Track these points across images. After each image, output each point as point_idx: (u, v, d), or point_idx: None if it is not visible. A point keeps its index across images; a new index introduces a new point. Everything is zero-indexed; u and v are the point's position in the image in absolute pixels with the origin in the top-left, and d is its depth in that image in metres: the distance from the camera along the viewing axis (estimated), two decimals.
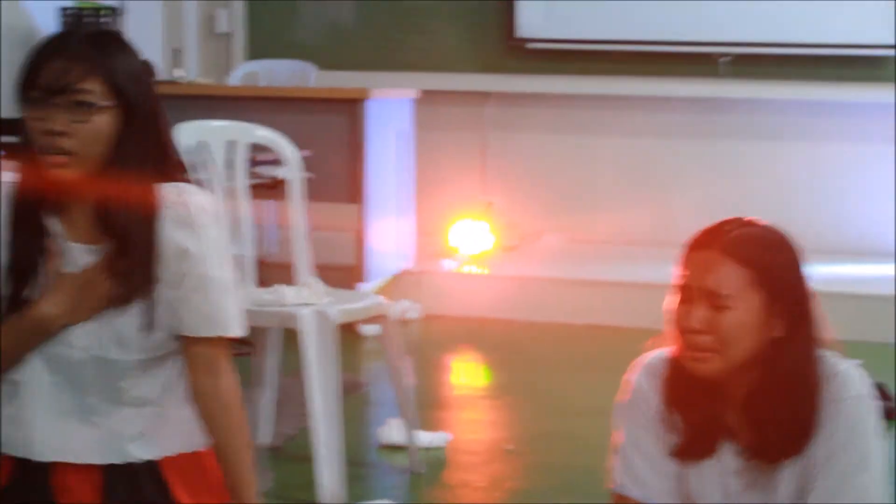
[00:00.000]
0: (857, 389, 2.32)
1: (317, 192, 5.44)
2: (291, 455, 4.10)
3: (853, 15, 7.02)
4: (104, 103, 2.27)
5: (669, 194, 7.43)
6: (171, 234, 2.35)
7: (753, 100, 7.26)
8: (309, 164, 5.14)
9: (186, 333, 2.40)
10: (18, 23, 6.46)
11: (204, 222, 2.38)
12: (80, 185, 2.31)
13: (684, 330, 2.24)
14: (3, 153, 4.98)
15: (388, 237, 6.37)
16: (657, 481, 2.37)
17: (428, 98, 6.90)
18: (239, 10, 7.76)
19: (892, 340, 5.90)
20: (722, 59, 7.22)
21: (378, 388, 5.01)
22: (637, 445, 2.40)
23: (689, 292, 2.25)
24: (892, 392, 4.81)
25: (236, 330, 2.41)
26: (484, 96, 7.56)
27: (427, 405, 4.73)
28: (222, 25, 7.77)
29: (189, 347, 2.41)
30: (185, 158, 2.53)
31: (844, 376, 2.31)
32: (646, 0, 7.19)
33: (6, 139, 5.22)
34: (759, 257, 2.26)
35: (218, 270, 2.40)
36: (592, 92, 7.40)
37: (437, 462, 4.14)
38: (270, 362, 4.09)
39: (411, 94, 6.73)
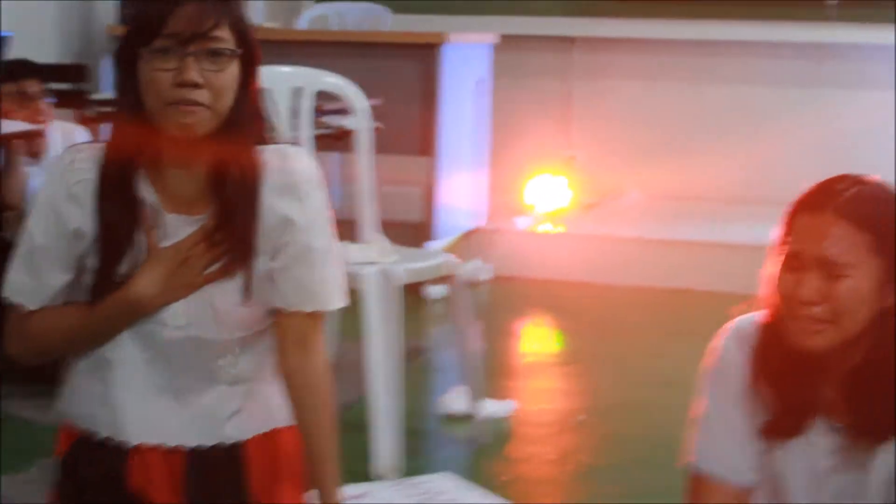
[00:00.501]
0: None
1: (386, 143, 5.37)
2: (348, 423, 3.93)
3: None
4: (235, 51, 2.19)
5: (767, 148, 7.24)
6: (273, 202, 2.28)
7: (862, 45, 7.10)
8: (378, 113, 5.04)
9: (283, 307, 2.33)
10: None
11: (308, 190, 2.32)
12: (202, 144, 2.22)
13: (795, 301, 2.12)
14: (54, 100, 4.92)
15: (460, 193, 6.29)
16: (741, 458, 2.29)
17: (508, 43, 6.81)
18: None
19: None
20: (829, 2, 7.05)
21: (442, 354, 4.89)
22: (721, 418, 2.32)
23: (800, 260, 2.11)
24: None
25: (338, 303, 2.37)
26: (570, 41, 7.48)
27: (494, 373, 4.67)
28: None
29: (283, 321, 2.36)
30: None
31: None
32: None
33: (56, 86, 5.15)
34: (877, 220, 2.12)
35: (322, 241, 2.34)
36: (686, 37, 7.30)
37: (502, 433, 4.06)
38: (329, 325, 3.90)
39: (490, 39, 6.64)
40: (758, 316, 2.23)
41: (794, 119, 7.20)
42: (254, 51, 2.24)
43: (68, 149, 2.29)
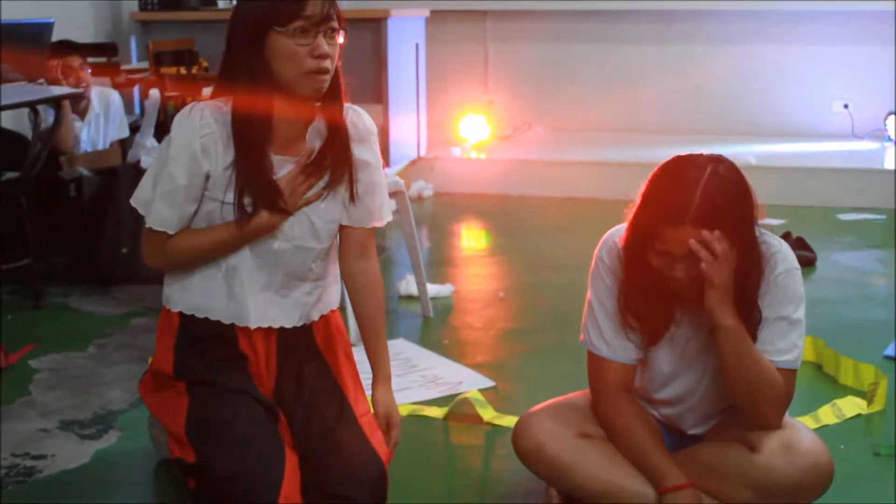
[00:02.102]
0: (789, 263, 2.25)
1: (348, 93, 5.29)
2: None
3: None
4: (345, 28, 2.22)
5: (635, 90, 7.29)
6: (354, 149, 2.33)
7: (702, 11, 7.08)
8: (341, 67, 4.95)
9: (354, 225, 2.40)
10: None
11: (374, 141, 2.39)
12: (310, 102, 2.25)
13: (670, 277, 2.15)
14: (91, 70, 4.84)
15: (406, 131, 6.28)
16: (620, 344, 2.31)
17: (437, 16, 6.79)
18: None
19: (815, 203, 5.89)
20: None
21: (398, 252, 4.86)
22: (602, 311, 2.32)
23: (670, 256, 2.12)
24: (810, 245, 4.70)
25: (387, 219, 2.44)
26: (484, 14, 7.40)
27: (437, 263, 4.75)
28: None
29: (349, 234, 2.43)
30: None
31: (778, 254, 2.24)
32: None
33: (93, 60, 5.06)
34: (724, 215, 2.10)
35: (381, 177, 2.41)
36: (573, 8, 7.24)
37: (444, 308, 4.07)
38: None
39: (423, 13, 6.58)
40: (623, 231, 2.23)
41: (653, 69, 7.25)
42: (346, 30, 2.26)
43: (193, 107, 2.26)
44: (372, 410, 2.44)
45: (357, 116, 2.34)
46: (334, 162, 2.29)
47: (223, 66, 2.26)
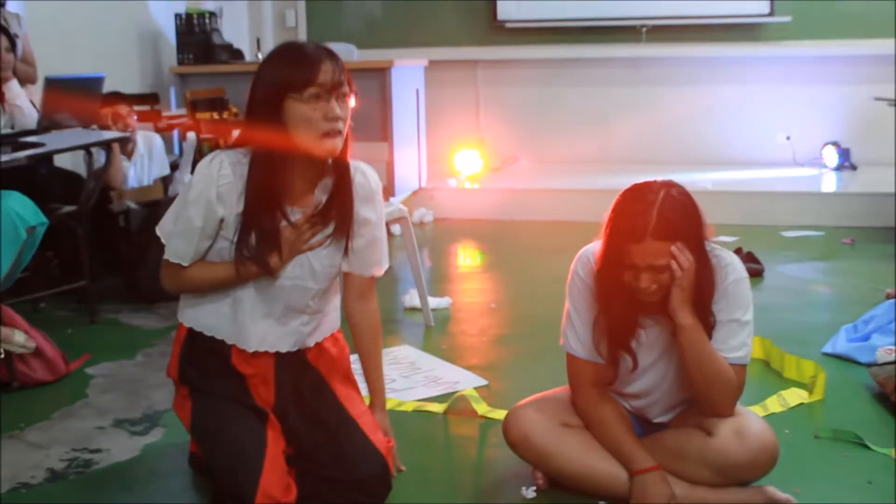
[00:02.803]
0: (738, 273, 2.25)
1: (358, 133, 5.28)
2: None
3: None
4: (351, 93, 2.20)
5: (607, 127, 7.27)
6: (358, 207, 2.31)
7: (665, 57, 7.10)
8: (352, 114, 4.95)
9: (353, 272, 2.40)
10: (147, 22, 6.28)
11: (378, 199, 2.35)
12: (318, 161, 2.23)
13: (636, 289, 2.17)
14: (136, 117, 4.85)
15: (409, 164, 6.26)
16: (591, 346, 2.32)
17: (434, 65, 6.80)
18: (302, 8, 7.59)
19: (762, 223, 5.90)
20: (643, 29, 7.04)
21: (403, 269, 4.84)
22: (577, 317, 2.33)
23: (636, 269, 2.14)
24: (759, 258, 4.71)
25: (385, 268, 2.44)
26: (475, 62, 7.41)
27: (437, 280, 4.74)
28: (291, 20, 7.58)
29: (351, 280, 2.42)
30: None
31: (729, 266, 2.25)
32: None
33: (138, 107, 5.07)
34: (679, 230, 2.13)
35: (382, 233, 2.39)
36: (552, 57, 7.25)
37: (443, 318, 4.06)
38: None
39: (423, 62, 6.59)
40: (596, 248, 2.24)
41: (624, 108, 7.23)
42: (356, 93, 2.26)
43: (214, 156, 2.25)
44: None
45: (364, 177, 2.32)
46: (338, 216, 2.27)
47: (245, 125, 2.25)
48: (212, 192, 2.20)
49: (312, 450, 2.32)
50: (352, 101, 2.22)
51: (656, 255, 2.11)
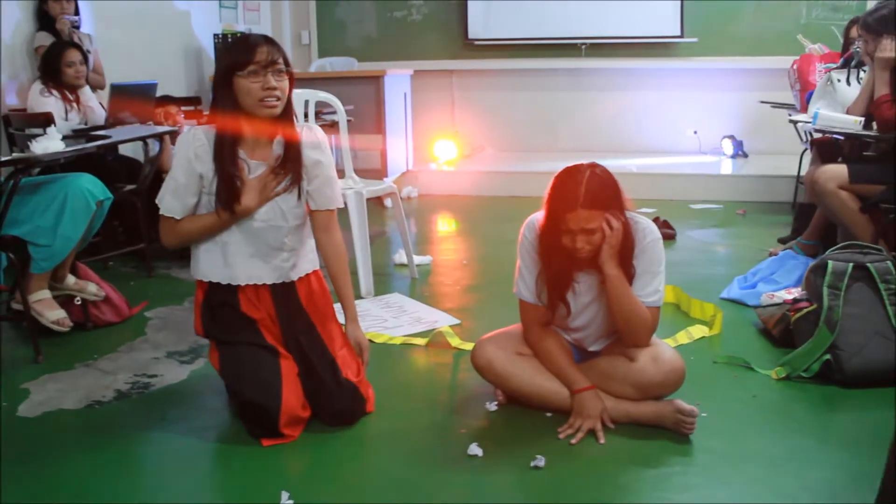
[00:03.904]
0: (653, 235, 2.24)
1: (356, 128, 5.30)
2: None
3: (656, 17, 6.81)
4: (287, 69, 2.19)
5: (555, 123, 7.20)
6: (308, 152, 2.30)
7: (600, 68, 7.03)
8: (352, 112, 4.93)
9: (316, 208, 2.34)
10: (191, 40, 6.18)
11: (325, 145, 2.33)
12: (276, 121, 2.23)
13: (574, 249, 2.14)
14: (183, 115, 4.79)
15: (398, 151, 6.19)
16: (536, 292, 2.30)
17: (419, 74, 6.75)
18: (314, 30, 7.43)
19: (675, 198, 5.82)
20: (583, 45, 6.97)
21: (393, 234, 4.83)
22: (527, 268, 2.31)
23: (572, 233, 2.12)
24: (672, 225, 4.68)
25: (340, 205, 2.39)
26: (451, 72, 7.32)
27: (421, 242, 4.69)
28: (305, 39, 7.44)
29: (315, 216, 2.35)
30: None
31: (647, 229, 2.23)
32: (539, 12, 6.93)
33: (185, 108, 5.02)
34: (604, 199, 2.12)
35: (333, 172, 2.35)
36: (512, 67, 7.17)
37: (425, 272, 4.03)
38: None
39: (409, 72, 6.52)
40: (540, 217, 2.23)
41: (568, 109, 7.15)
42: (292, 72, 2.22)
43: (190, 129, 2.26)
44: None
45: (309, 130, 2.31)
46: (292, 164, 2.26)
47: (212, 102, 2.28)
48: (190, 152, 2.22)
49: (306, 379, 2.31)
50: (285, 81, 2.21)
51: (587, 221, 2.10)
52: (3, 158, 2.88)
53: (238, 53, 2.17)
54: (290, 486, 1.99)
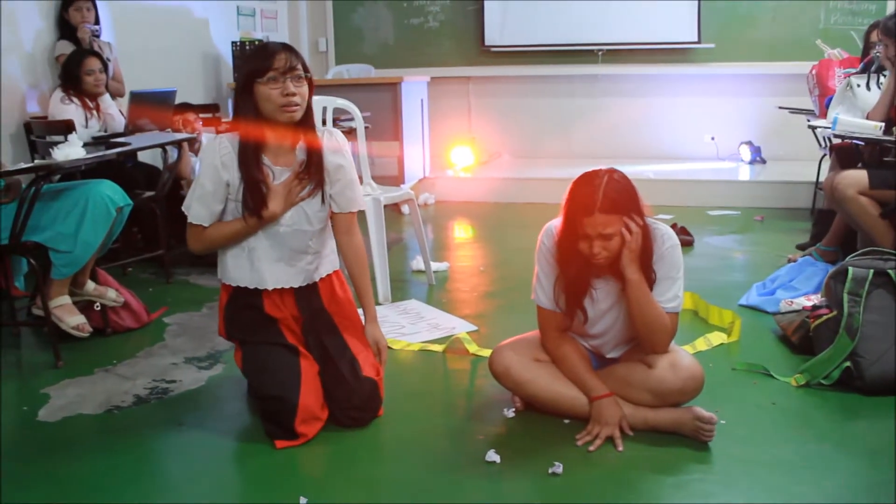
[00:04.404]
0: (672, 241, 2.24)
1: (374, 135, 5.31)
2: None
3: (672, 22, 6.77)
4: (307, 75, 2.21)
5: (571, 129, 7.18)
6: (330, 157, 2.31)
7: (616, 74, 7.00)
8: (370, 119, 4.95)
9: (338, 211, 2.36)
10: (209, 48, 6.23)
11: (346, 149, 2.35)
12: (297, 127, 2.24)
13: (591, 255, 2.14)
14: (201, 122, 4.82)
15: (415, 158, 6.19)
16: (554, 298, 2.30)
17: (436, 81, 6.76)
18: (331, 37, 7.46)
19: (693, 204, 5.82)
20: (599, 52, 6.93)
21: (411, 240, 4.84)
22: (545, 274, 2.30)
23: (589, 238, 2.12)
24: (690, 231, 4.68)
25: (362, 207, 2.41)
26: (467, 79, 7.32)
27: (438, 248, 4.69)
28: (322, 46, 7.47)
29: (337, 219, 2.37)
30: None
31: (665, 235, 2.23)
32: (555, 18, 6.91)
33: (203, 115, 5.05)
34: (620, 205, 2.11)
35: (355, 175, 2.37)
36: (528, 74, 7.16)
37: (442, 278, 4.03)
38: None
39: (426, 79, 6.53)
40: (558, 223, 2.22)
41: (583, 114, 7.13)
42: (311, 78, 2.25)
43: (214, 137, 2.30)
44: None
45: (330, 135, 2.33)
46: (315, 169, 2.28)
47: (234, 110, 2.31)
48: (216, 160, 2.24)
49: (324, 377, 2.33)
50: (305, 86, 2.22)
51: (604, 226, 2.10)
52: (25, 165, 2.91)
53: (257, 61, 2.20)
54: (306, 491, 1.99)
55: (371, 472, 2.11)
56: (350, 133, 4.33)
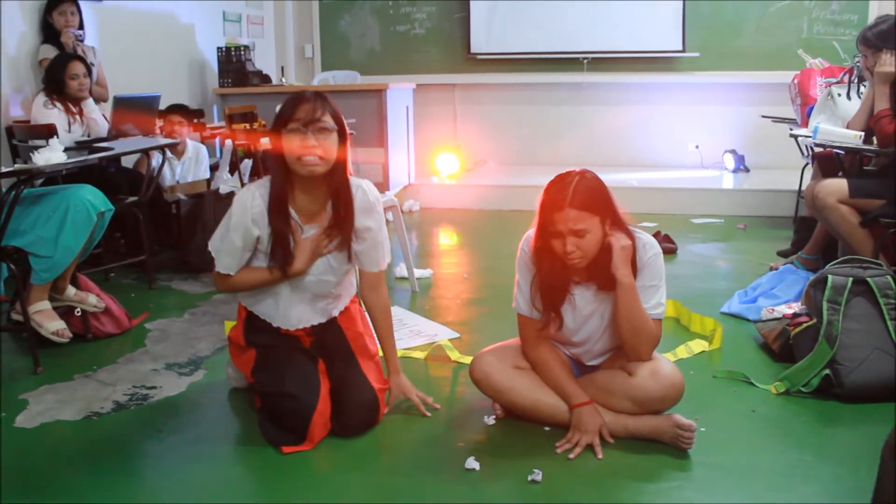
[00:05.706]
0: (655, 250, 2.24)
1: (359, 141, 5.30)
2: None
3: (657, 31, 6.81)
4: (334, 128, 2.18)
5: (557, 137, 7.20)
6: (359, 216, 2.31)
7: (601, 83, 7.03)
8: (355, 126, 4.93)
9: (364, 269, 2.39)
10: (195, 53, 6.21)
11: (378, 207, 2.33)
12: (327, 180, 2.23)
13: (563, 254, 2.14)
14: (186, 127, 4.79)
15: (400, 165, 6.20)
16: (532, 305, 2.31)
17: (421, 88, 6.77)
18: (317, 43, 7.46)
19: (676, 212, 5.84)
20: (584, 60, 6.97)
21: (394, 247, 4.76)
22: (525, 281, 2.31)
23: (561, 235, 2.12)
24: (673, 239, 4.70)
25: (385, 266, 2.42)
26: (453, 86, 7.34)
27: (422, 255, 4.69)
28: (308, 52, 7.47)
29: (364, 276, 2.42)
30: None
31: (648, 244, 2.24)
32: (541, 26, 6.93)
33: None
34: (592, 201, 2.13)
35: (384, 236, 2.38)
36: (514, 81, 7.18)
37: (426, 285, 4.02)
38: None
39: (412, 85, 6.54)
40: (534, 232, 2.23)
41: (568, 121, 7.16)
42: (343, 128, 2.22)
43: (248, 188, 2.28)
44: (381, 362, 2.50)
45: (363, 193, 2.32)
46: (344, 227, 2.29)
47: (268, 160, 2.35)
48: (247, 219, 2.25)
49: (331, 394, 2.35)
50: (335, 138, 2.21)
51: (575, 221, 2.10)
52: (6, 169, 2.89)
53: (285, 108, 2.19)
54: (286, 498, 1.98)
55: (350, 479, 2.10)
56: None
